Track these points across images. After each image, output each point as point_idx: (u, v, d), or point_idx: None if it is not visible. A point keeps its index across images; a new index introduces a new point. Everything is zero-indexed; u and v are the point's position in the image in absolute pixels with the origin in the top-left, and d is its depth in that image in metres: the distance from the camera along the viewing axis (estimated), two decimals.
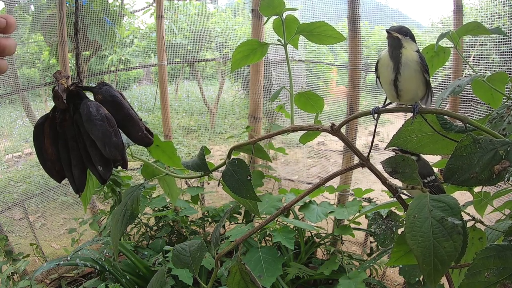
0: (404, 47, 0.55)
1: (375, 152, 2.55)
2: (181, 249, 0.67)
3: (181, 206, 2.06)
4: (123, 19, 3.22)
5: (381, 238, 1.56)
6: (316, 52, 2.59)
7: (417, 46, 0.56)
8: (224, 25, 4.10)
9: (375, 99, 2.35)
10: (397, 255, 0.58)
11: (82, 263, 1.69)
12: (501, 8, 1.75)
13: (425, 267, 0.39)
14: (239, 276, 0.59)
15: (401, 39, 0.55)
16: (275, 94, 0.73)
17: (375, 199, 1.94)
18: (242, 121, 5.14)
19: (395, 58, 0.55)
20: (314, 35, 0.66)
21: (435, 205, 0.42)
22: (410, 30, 0.56)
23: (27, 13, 2.61)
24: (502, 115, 0.65)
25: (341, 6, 2.10)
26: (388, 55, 0.56)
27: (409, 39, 0.56)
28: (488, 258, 0.47)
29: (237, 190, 0.55)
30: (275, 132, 0.61)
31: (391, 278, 2.16)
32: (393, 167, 0.51)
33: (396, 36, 0.56)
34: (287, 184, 2.66)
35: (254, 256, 1.62)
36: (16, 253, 1.89)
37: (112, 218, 0.64)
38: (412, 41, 0.56)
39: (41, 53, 3.49)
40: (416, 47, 0.56)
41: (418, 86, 0.56)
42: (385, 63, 0.56)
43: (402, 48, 0.55)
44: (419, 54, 0.55)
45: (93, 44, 2.80)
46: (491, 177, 0.44)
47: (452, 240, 0.39)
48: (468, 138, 0.46)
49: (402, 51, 0.55)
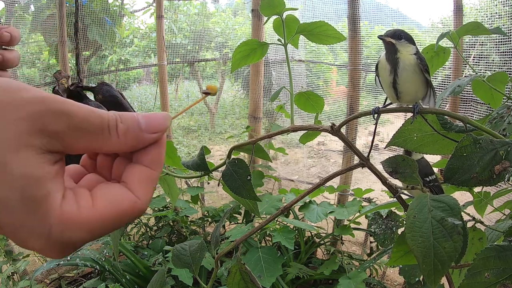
0: (399, 51, 0.55)
1: (375, 152, 2.55)
2: (181, 249, 0.67)
3: (181, 206, 2.06)
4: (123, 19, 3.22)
5: (381, 238, 1.56)
6: (316, 52, 2.59)
7: (415, 47, 0.55)
8: (224, 25, 4.10)
9: (375, 99, 2.35)
10: (397, 255, 0.58)
11: (82, 263, 1.69)
12: (501, 8, 1.75)
13: (425, 268, 0.39)
14: (239, 276, 0.59)
15: (395, 43, 0.55)
16: (275, 94, 0.73)
17: (375, 199, 1.94)
18: (242, 121, 5.14)
19: (392, 61, 0.55)
20: (314, 35, 0.66)
21: (435, 206, 0.42)
22: (405, 32, 0.56)
23: (27, 13, 2.61)
24: (502, 115, 0.65)
25: (341, 6, 2.10)
26: (385, 59, 0.56)
27: (405, 41, 0.55)
28: (488, 258, 0.47)
29: (237, 190, 0.55)
30: (275, 132, 0.61)
31: (391, 278, 2.16)
32: (393, 167, 0.51)
33: (390, 41, 0.55)
34: (287, 184, 2.66)
35: (254, 256, 1.62)
36: (16, 253, 1.88)
37: None
38: (408, 43, 0.55)
39: (41, 53, 3.49)
40: (414, 49, 0.55)
41: (417, 87, 0.56)
42: (383, 66, 0.57)
43: (397, 52, 0.55)
44: (418, 55, 0.55)
45: (93, 44, 2.80)
46: (491, 177, 0.44)
47: (452, 240, 0.39)
48: (468, 138, 0.46)
49: (398, 55, 0.55)
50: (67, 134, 0.23)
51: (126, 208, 0.25)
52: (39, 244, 0.23)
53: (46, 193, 0.22)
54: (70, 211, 0.23)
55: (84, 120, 0.24)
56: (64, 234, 0.23)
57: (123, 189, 0.26)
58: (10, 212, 0.21)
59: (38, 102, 0.22)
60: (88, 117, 0.24)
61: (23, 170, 0.21)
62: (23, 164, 0.21)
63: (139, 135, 0.26)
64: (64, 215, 0.23)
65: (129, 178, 0.26)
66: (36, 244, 0.23)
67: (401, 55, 0.55)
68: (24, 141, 0.21)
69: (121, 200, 0.25)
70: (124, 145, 0.26)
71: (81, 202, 0.24)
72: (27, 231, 0.22)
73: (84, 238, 0.24)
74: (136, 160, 0.27)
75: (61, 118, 0.23)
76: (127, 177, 0.26)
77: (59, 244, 0.23)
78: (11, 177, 0.21)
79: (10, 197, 0.21)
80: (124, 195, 0.25)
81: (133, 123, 0.26)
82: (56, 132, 0.23)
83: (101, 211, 0.24)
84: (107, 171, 0.29)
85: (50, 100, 0.23)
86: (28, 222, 0.22)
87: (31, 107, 0.22)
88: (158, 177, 0.27)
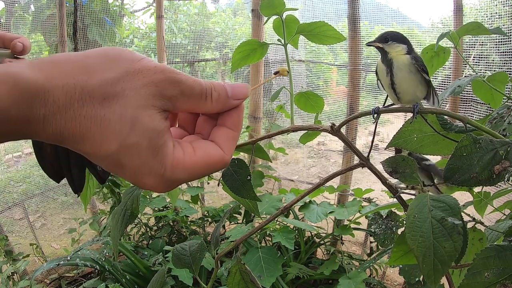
0: (389, 53, 0.55)
1: (375, 152, 2.55)
2: (181, 249, 0.67)
3: (181, 206, 2.05)
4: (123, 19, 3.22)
5: (381, 238, 1.56)
6: (316, 52, 2.59)
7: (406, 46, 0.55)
8: (224, 25, 4.10)
9: (375, 99, 2.35)
10: (397, 255, 0.58)
11: (82, 263, 1.69)
12: (501, 8, 1.75)
13: (425, 267, 0.39)
14: (239, 276, 0.59)
15: (382, 47, 0.56)
16: (275, 94, 0.73)
17: (375, 199, 1.94)
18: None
19: (387, 63, 0.56)
20: (314, 35, 0.66)
21: (435, 205, 0.42)
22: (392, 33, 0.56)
23: (27, 13, 2.61)
24: (502, 115, 0.65)
25: (341, 6, 2.10)
26: (381, 61, 0.57)
27: (393, 42, 0.55)
28: (488, 258, 0.47)
29: (237, 190, 0.55)
30: (275, 132, 0.61)
31: (391, 278, 2.16)
32: (393, 167, 0.51)
33: (377, 46, 0.56)
34: (287, 184, 2.66)
35: (254, 256, 1.62)
36: (16, 253, 1.89)
37: (112, 218, 0.64)
38: (397, 43, 0.55)
39: (41, 53, 3.49)
40: (405, 48, 0.55)
41: (415, 87, 0.56)
42: (381, 68, 0.57)
43: (388, 54, 0.56)
44: (412, 55, 0.55)
45: (93, 44, 2.80)
46: (491, 177, 0.44)
47: (452, 240, 0.39)
48: (468, 138, 0.46)
49: (390, 56, 0.55)
50: (178, 98, 0.29)
51: (217, 159, 0.31)
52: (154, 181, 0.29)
53: (164, 142, 0.28)
54: (179, 156, 0.29)
55: (190, 87, 0.30)
56: (174, 173, 0.29)
57: (214, 145, 0.32)
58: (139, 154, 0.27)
59: (160, 71, 0.28)
60: (193, 85, 0.30)
61: (150, 124, 0.27)
62: (150, 119, 0.27)
63: (227, 101, 0.32)
64: (175, 159, 0.29)
65: (217, 138, 0.32)
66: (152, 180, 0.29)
67: (392, 56, 0.55)
68: (150, 101, 0.27)
69: (214, 152, 0.31)
70: (215, 108, 0.32)
71: (186, 150, 0.30)
72: (147, 170, 0.28)
73: (186, 178, 0.30)
74: (221, 122, 0.33)
75: (176, 85, 0.29)
76: (216, 137, 0.33)
77: (169, 181, 0.29)
78: (142, 128, 0.27)
79: (140, 143, 0.27)
80: (216, 150, 0.32)
81: (223, 91, 0.32)
82: (171, 96, 0.29)
83: (199, 159, 0.30)
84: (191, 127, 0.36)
85: (168, 70, 0.28)
86: (150, 163, 0.28)
87: (155, 76, 0.28)
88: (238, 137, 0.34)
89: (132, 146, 0.27)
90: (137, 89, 0.27)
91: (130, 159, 0.27)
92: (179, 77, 0.29)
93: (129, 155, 0.27)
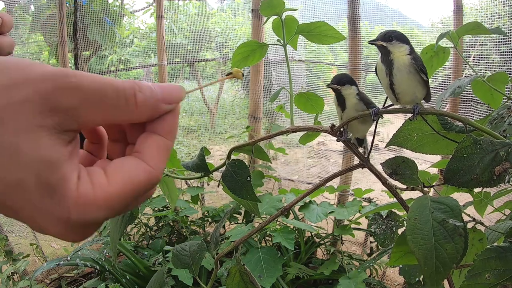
0: (392, 52, 0.55)
1: (375, 152, 2.54)
2: (181, 249, 0.67)
3: (181, 206, 2.05)
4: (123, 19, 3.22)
5: (381, 238, 1.56)
6: (316, 52, 2.59)
7: (409, 46, 0.55)
8: (224, 25, 4.10)
9: (375, 99, 2.34)
10: (397, 255, 0.58)
11: (82, 263, 1.69)
12: (501, 8, 1.75)
13: (427, 270, 0.39)
14: (238, 277, 0.59)
15: (386, 46, 0.55)
16: (275, 94, 0.73)
17: (375, 199, 1.94)
18: (242, 121, 5.14)
19: (387, 63, 0.55)
20: (313, 35, 0.66)
21: (436, 207, 0.42)
22: (396, 32, 0.55)
23: (27, 13, 2.61)
24: (502, 116, 0.65)
25: (341, 6, 2.10)
26: (381, 61, 0.56)
27: (397, 42, 0.55)
28: (488, 259, 0.47)
29: (237, 191, 0.54)
30: (275, 133, 0.60)
31: (391, 278, 2.16)
32: (393, 169, 0.51)
33: (381, 44, 0.55)
34: (287, 184, 2.66)
35: (254, 256, 1.62)
36: (16, 253, 1.88)
37: (112, 219, 0.63)
38: (401, 43, 0.55)
39: (41, 53, 3.49)
40: (407, 49, 0.55)
41: (414, 88, 0.55)
42: (380, 69, 0.57)
43: (390, 54, 0.55)
44: (413, 55, 0.55)
45: (93, 44, 2.80)
46: (491, 178, 0.44)
47: (454, 242, 0.38)
48: (468, 139, 0.45)
49: (391, 57, 0.55)
50: (82, 109, 0.22)
51: (142, 179, 0.24)
52: (59, 229, 0.22)
53: (61, 176, 0.21)
54: (87, 192, 0.22)
55: (98, 92, 0.22)
56: (83, 215, 0.22)
57: (136, 160, 0.25)
58: (26, 197, 0.21)
59: (48, 78, 0.21)
60: (102, 88, 0.23)
61: (37, 153, 0.20)
62: (36, 146, 0.20)
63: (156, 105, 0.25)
64: (81, 197, 0.22)
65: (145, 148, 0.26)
66: (56, 229, 0.22)
67: (395, 56, 0.55)
68: (36, 121, 0.20)
69: (136, 172, 0.24)
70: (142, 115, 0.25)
71: (95, 180, 0.23)
72: (45, 216, 0.21)
73: (105, 216, 0.23)
74: (151, 128, 0.26)
75: (73, 92, 0.21)
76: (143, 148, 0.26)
77: (79, 227, 0.22)
78: (24, 160, 0.20)
79: (25, 181, 0.20)
80: (138, 167, 0.25)
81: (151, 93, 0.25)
82: (70, 109, 0.21)
83: (117, 186, 0.23)
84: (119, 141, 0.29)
85: (60, 75, 0.21)
86: (46, 206, 0.21)
87: (42, 85, 0.21)
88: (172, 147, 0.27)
89: (15, 185, 0.20)
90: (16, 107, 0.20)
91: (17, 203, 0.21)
92: (76, 80, 0.22)
93: (14, 197, 0.21)
